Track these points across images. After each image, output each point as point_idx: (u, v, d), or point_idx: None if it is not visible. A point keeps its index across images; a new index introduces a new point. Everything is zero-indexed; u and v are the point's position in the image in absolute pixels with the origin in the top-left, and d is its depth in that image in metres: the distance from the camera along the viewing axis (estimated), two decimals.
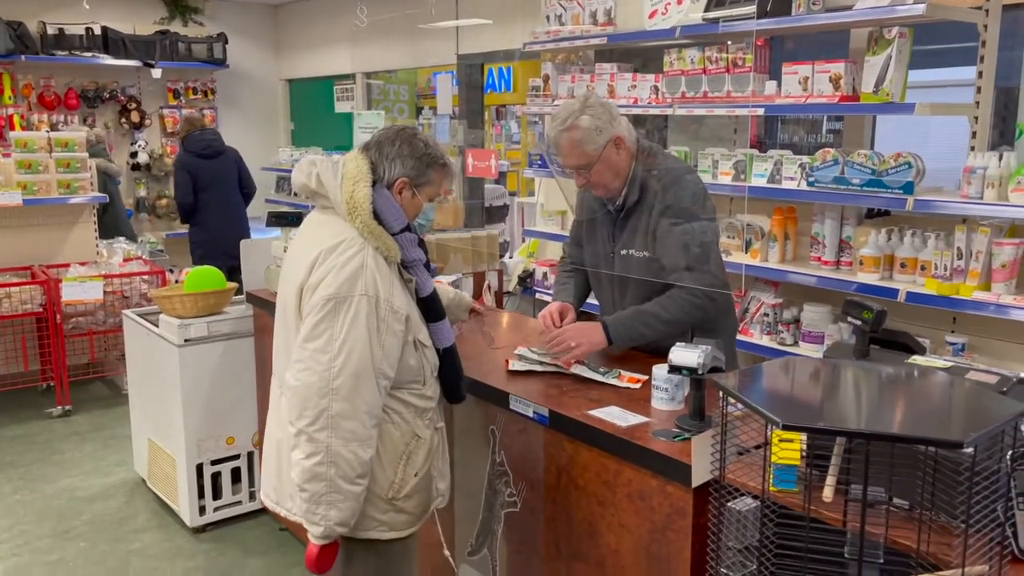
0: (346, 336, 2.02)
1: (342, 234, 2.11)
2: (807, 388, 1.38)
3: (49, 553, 3.76)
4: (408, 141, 2.20)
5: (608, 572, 2.26)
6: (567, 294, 3.00)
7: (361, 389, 2.03)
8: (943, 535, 1.59)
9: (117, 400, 5.72)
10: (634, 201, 2.70)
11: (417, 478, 2.22)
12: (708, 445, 1.70)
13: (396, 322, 2.10)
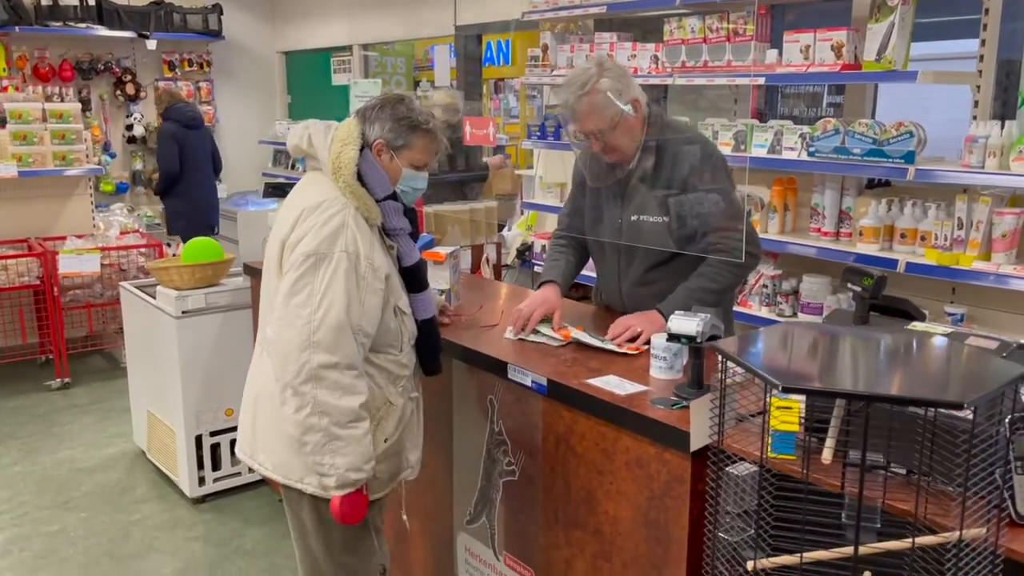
0: (325, 290, 2.05)
1: (326, 193, 2.14)
2: (807, 352, 1.38)
3: (49, 524, 3.78)
4: (392, 105, 2.22)
5: (606, 539, 2.27)
6: (556, 271, 2.91)
7: (341, 342, 2.05)
8: (941, 500, 1.60)
9: (116, 373, 5.73)
10: (648, 166, 2.66)
11: (387, 444, 2.24)
12: (707, 410, 1.70)
13: (376, 280, 2.12)
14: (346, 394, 2.07)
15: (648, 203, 2.69)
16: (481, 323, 2.89)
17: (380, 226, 2.21)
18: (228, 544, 3.61)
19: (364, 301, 2.10)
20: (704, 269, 2.63)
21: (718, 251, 2.60)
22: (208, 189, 6.73)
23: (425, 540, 2.99)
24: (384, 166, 2.22)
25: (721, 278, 2.62)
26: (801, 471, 1.74)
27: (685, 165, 2.64)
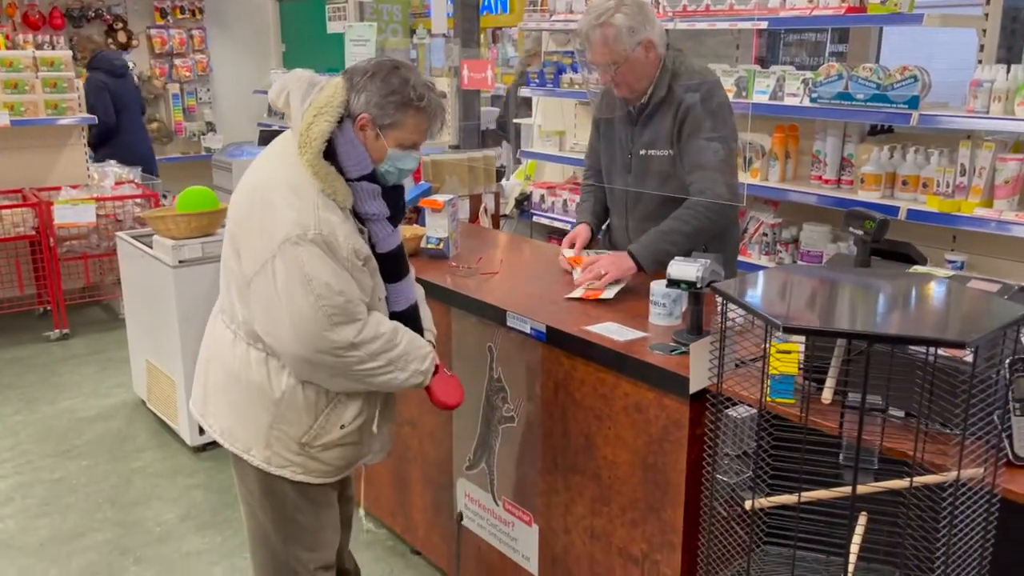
0: (314, 275, 1.89)
1: (297, 170, 1.94)
2: (807, 294, 1.37)
3: (51, 471, 3.81)
4: (386, 75, 1.94)
5: (604, 483, 2.28)
6: (586, 212, 3.04)
7: (353, 311, 1.94)
8: (938, 443, 1.60)
9: (114, 324, 5.73)
10: (658, 102, 2.68)
11: (343, 431, 2.09)
12: (706, 353, 1.69)
13: (355, 257, 1.95)
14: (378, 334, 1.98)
15: (658, 138, 2.72)
16: (481, 271, 2.88)
17: (352, 209, 2.00)
18: (229, 491, 3.64)
19: (356, 278, 1.96)
20: (680, 212, 2.65)
21: (698, 193, 2.62)
22: (141, 138, 6.69)
23: (425, 486, 3.02)
24: (367, 143, 1.97)
25: (695, 221, 2.63)
26: (799, 415, 1.75)
27: (689, 106, 2.65)
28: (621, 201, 2.91)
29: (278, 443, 2.06)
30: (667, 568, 2.14)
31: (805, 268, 1.43)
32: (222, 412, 2.13)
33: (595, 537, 2.34)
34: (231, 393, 2.10)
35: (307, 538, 2.20)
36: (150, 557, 3.17)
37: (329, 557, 2.28)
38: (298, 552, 2.20)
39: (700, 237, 2.65)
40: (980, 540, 1.41)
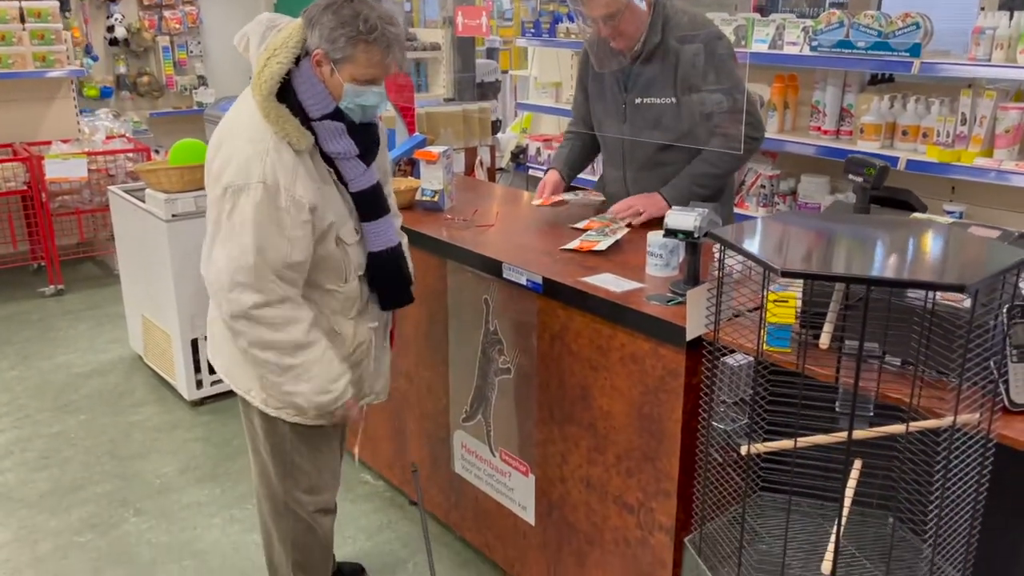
0: (243, 227, 1.89)
1: (253, 116, 1.93)
2: (806, 239, 1.35)
3: (50, 425, 3.82)
4: (337, 8, 1.89)
5: (600, 433, 2.29)
6: (559, 159, 3.04)
7: (265, 280, 1.91)
8: (935, 390, 1.60)
9: (109, 280, 5.71)
10: (652, 48, 2.65)
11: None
12: (703, 300, 1.68)
13: (300, 212, 1.92)
14: (285, 326, 1.95)
15: (654, 85, 2.69)
16: (476, 224, 2.86)
17: (319, 150, 1.98)
18: (228, 444, 3.66)
19: (290, 236, 1.92)
20: (707, 154, 2.66)
21: (720, 137, 2.60)
22: None
23: (422, 438, 3.03)
24: (324, 80, 1.93)
25: (723, 163, 2.65)
26: (796, 363, 1.75)
27: (692, 49, 2.62)
28: (617, 151, 2.88)
29: (271, 387, 2.08)
30: (662, 516, 2.16)
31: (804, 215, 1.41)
32: (223, 353, 2.19)
33: (591, 486, 2.36)
34: (227, 336, 2.12)
35: (305, 480, 2.24)
36: (150, 509, 3.20)
37: (328, 501, 2.33)
38: (297, 493, 2.25)
39: (728, 177, 2.70)
40: (974, 486, 1.42)
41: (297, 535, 2.30)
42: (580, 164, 3.06)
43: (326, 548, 2.38)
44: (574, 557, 2.47)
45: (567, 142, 3.07)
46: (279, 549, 2.32)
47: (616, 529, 2.31)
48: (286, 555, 2.32)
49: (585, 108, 2.97)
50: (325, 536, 2.36)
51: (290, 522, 2.28)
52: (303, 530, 2.30)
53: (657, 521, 2.18)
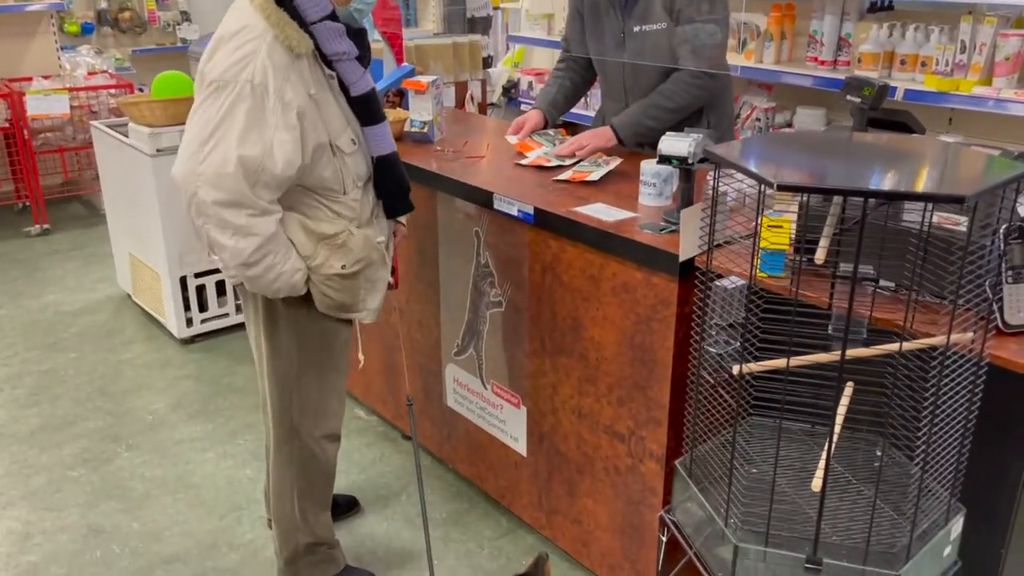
0: (220, 121, 1.85)
1: (246, 19, 1.90)
2: (803, 156, 1.32)
3: (40, 363, 3.80)
4: None
5: (591, 364, 2.29)
6: (544, 99, 2.96)
7: (228, 180, 1.84)
8: (929, 313, 1.59)
9: (95, 220, 5.64)
10: None
11: (344, 270, 2.07)
12: (697, 219, 1.66)
13: (288, 115, 1.87)
14: (237, 235, 1.89)
15: (650, 11, 2.63)
16: (466, 155, 2.81)
17: (316, 53, 1.94)
18: (219, 381, 3.66)
19: (271, 139, 1.86)
20: (664, 86, 2.63)
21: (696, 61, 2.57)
22: None
23: (414, 372, 3.03)
24: None
25: (678, 97, 2.61)
26: (790, 289, 1.73)
27: None
28: (617, 83, 2.82)
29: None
30: (653, 444, 2.17)
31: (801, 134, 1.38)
32: None
33: (582, 416, 2.36)
34: None
35: (311, 405, 2.23)
36: (142, 444, 3.20)
37: (335, 427, 2.32)
38: (303, 418, 2.24)
39: (682, 113, 2.64)
40: (965, 407, 1.41)
41: (303, 461, 2.29)
42: (566, 103, 2.98)
43: (330, 476, 2.38)
44: (565, 486, 2.49)
45: (554, 81, 2.98)
46: (285, 476, 2.31)
47: (607, 458, 2.32)
48: (291, 481, 2.31)
49: (580, 36, 2.89)
50: (329, 463, 2.35)
51: (296, 447, 2.27)
52: (309, 456, 2.29)
53: (648, 449, 2.19)
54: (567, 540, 2.55)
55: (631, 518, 2.30)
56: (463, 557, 2.61)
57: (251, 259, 1.93)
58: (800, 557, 1.33)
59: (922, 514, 1.37)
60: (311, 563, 2.40)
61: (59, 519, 2.79)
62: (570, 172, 2.55)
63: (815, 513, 1.39)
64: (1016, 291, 1.52)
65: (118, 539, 2.69)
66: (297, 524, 2.34)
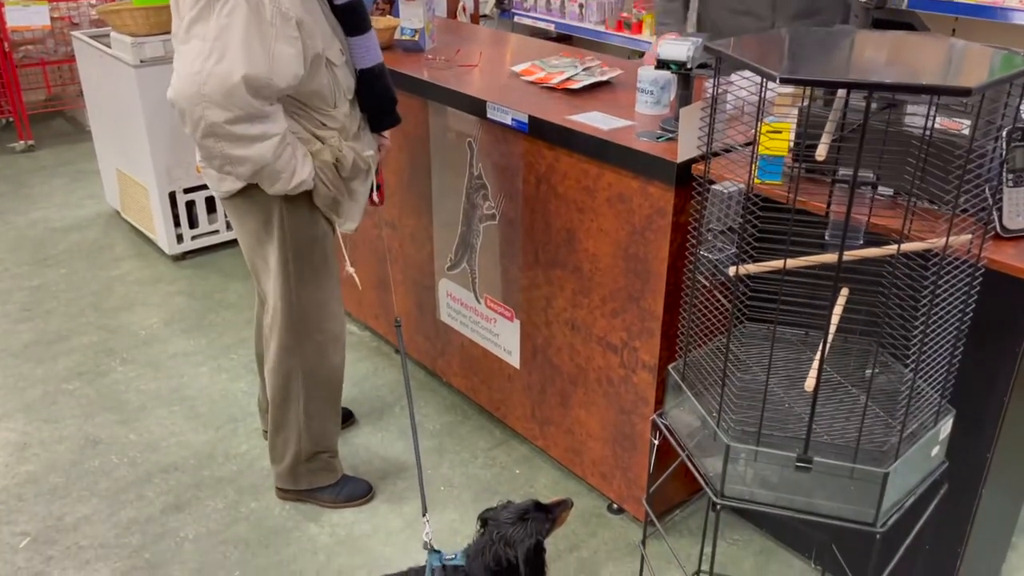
0: (218, 36, 1.79)
1: None
2: (807, 51, 1.29)
3: (30, 279, 3.78)
4: None
5: (585, 275, 2.28)
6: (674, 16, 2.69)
7: (236, 98, 1.81)
8: (927, 220, 1.58)
9: (81, 136, 5.54)
10: None
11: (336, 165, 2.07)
12: (696, 117, 1.63)
13: (287, 26, 1.82)
14: (254, 143, 1.87)
15: None
16: (459, 64, 2.75)
17: None
18: (211, 297, 3.65)
19: (272, 51, 1.81)
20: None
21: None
22: None
23: (407, 288, 3.02)
24: None
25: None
26: (787, 196, 1.71)
27: None
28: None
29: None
30: (645, 354, 2.18)
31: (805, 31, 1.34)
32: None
33: (575, 328, 2.37)
34: None
35: (315, 307, 2.22)
36: (136, 358, 3.21)
37: (339, 330, 2.31)
38: (310, 322, 2.23)
39: None
40: (960, 311, 1.41)
41: (311, 366, 2.28)
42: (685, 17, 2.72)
43: (336, 383, 2.38)
44: (558, 397, 2.51)
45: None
46: (292, 383, 2.30)
47: (599, 369, 2.34)
48: (299, 388, 2.31)
49: None
50: (336, 369, 2.34)
51: (303, 352, 2.26)
52: (316, 360, 2.28)
53: (640, 359, 2.20)
54: (559, 450, 2.59)
55: (623, 427, 2.33)
56: (457, 466, 2.66)
57: (273, 159, 1.92)
58: (791, 456, 1.35)
59: (912, 415, 1.38)
60: (310, 470, 2.44)
61: (56, 430, 2.81)
62: (562, 78, 2.49)
63: (807, 415, 1.40)
64: (1016, 195, 1.50)
65: (116, 449, 2.72)
66: (300, 432, 2.36)
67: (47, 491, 2.54)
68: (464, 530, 2.40)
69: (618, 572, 2.27)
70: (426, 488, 2.54)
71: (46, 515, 2.45)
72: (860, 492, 1.35)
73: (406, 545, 2.35)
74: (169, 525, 2.42)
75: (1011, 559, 2.30)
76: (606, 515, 2.47)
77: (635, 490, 2.36)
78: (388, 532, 2.40)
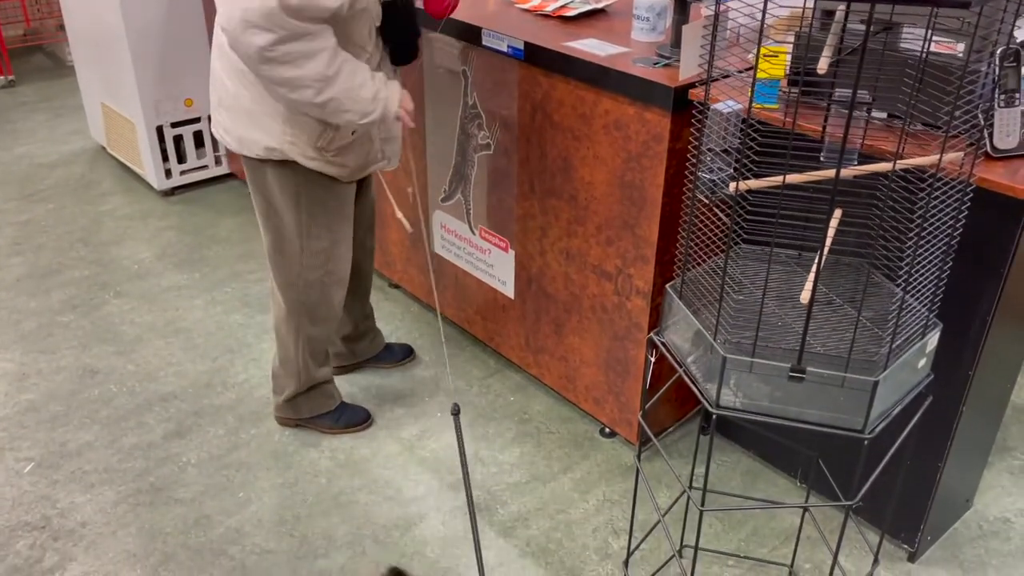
0: None
1: None
2: None
3: (18, 214, 3.76)
4: None
5: (581, 205, 2.31)
6: None
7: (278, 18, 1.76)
8: (920, 142, 1.62)
9: (62, 72, 5.44)
10: None
11: (355, 135, 2.10)
12: (698, 35, 1.64)
13: None
14: (304, 61, 1.84)
15: None
16: None
17: None
18: (202, 232, 3.65)
19: None
20: None
21: None
22: None
23: (399, 221, 3.03)
24: None
25: None
26: (783, 120, 1.74)
27: None
28: None
29: (293, 148, 2.06)
30: (639, 281, 2.22)
31: None
32: (239, 121, 2.07)
33: (570, 257, 2.41)
34: (243, 99, 2.03)
35: (322, 252, 2.24)
36: (130, 291, 3.22)
37: (343, 271, 2.33)
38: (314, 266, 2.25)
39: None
40: (949, 229, 1.46)
41: (312, 305, 2.31)
42: None
43: (335, 320, 2.40)
44: (552, 326, 2.56)
45: None
46: (291, 321, 2.33)
47: (594, 296, 2.38)
48: (296, 327, 2.34)
49: None
50: (335, 308, 2.37)
51: (304, 294, 2.29)
52: (317, 299, 2.31)
53: (634, 286, 2.24)
54: (553, 377, 2.65)
55: (616, 353, 2.38)
56: (453, 395, 2.71)
57: (330, 71, 1.87)
58: (784, 367, 1.40)
59: (901, 329, 1.43)
60: (309, 398, 2.49)
61: (53, 360, 2.84)
62: (553, 7, 2.49)
63: (800, 329, 1.45)
64: (1007, 115, 1.54)
65: (114, 379, 2.75)
66: (299, 367, 2.41)
67: (48, 419, 2.58)
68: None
69: (611, 491, 2.35)
70: (422, 416, 2.61)
71: (48, 441, 2.49)
72: (850, 401, 1.41)
73: (405, 467, 2.42)
74: (171, 450, 2.47)
75: (987, 477, 2.40)
76: (598, 438, 2.54)
77: (627, 414, 2.43)
78: (387, 455, 2.46)
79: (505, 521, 2.25)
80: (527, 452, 2.48)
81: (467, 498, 2.07)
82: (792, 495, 2.33)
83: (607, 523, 2.24)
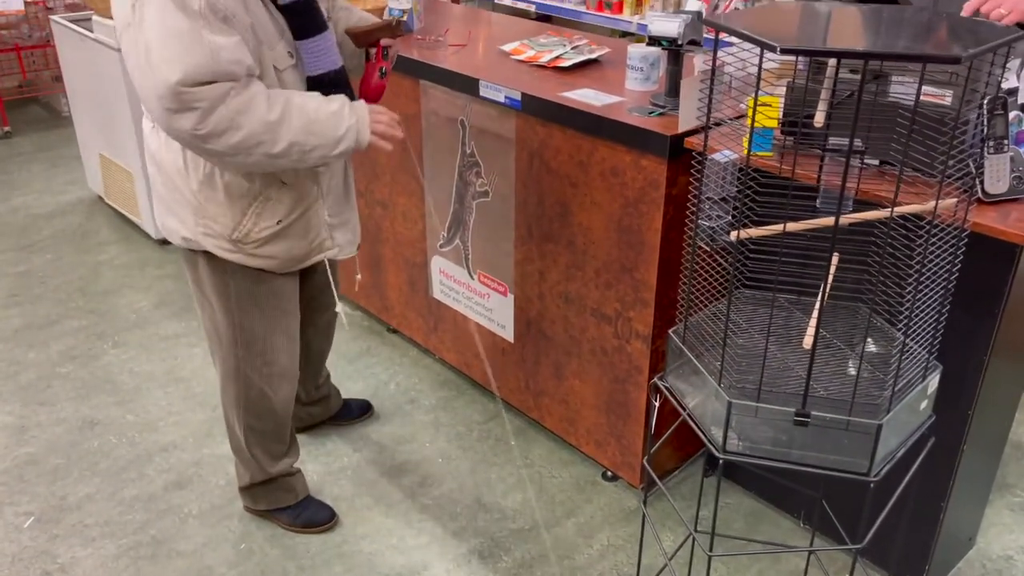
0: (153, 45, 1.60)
1: None
2: (801, 23, 1.34)
3: (15, 265, 3.77)
4: None
5: (579, 249, 2.34)
6: None
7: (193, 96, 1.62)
8: (914, 187, 1.65)
9: (58, 122, 5.49)
10: None
11: (280, 226, 1.92)
12: (696, 88, 1.68)
13: (211, 12, 1.62)
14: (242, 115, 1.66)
15: None
16: (449, 43, 2.78)
17: None
18: None
19: (213, 45, 1.62)
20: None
21: None
22: None
23: (399, 265, 3.06)
24: None
25: None
26: (778, 166, 1.78)
27: None
28: None
29: (207, 240, 1.91)
30: (639, 324, 2.24)
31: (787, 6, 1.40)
32: (159, 207, 1.98)
33: (569, 301, 2.43)
34: (157, 183, 1.94)
35: (258, 344, 2.09)
36: (128, 341, 3.23)
37: (286, 367, 2.16)
38: (249, 356, 2.10)
39: None
40: (946, 273, 1.49)
41: (251, 400, 2.16)
42: None
43: (282, 416, 2.24)
44: (551, 368, 2.57)
45: None
46: (231, 415, 2.22)
47: (593, 340, 2.40)
48: (238, 420, 2.21)
49: None
50: (279, 404, 2.20)
51: (242, 387, 2.14)
52: (257, 396, 2.15)
53: (634, 329, 2.27)
54: (553, 420, 2.66)
55: (617, 396, 2.39)
56: (453, 440, 2.71)
57: (272, 116, 1.70)
58: (789, 411, 1.42)
59: (903, 372, 1.45)
60: (267, 490, 2.35)
61: (53, 412, 2.83)
62: (547, 59, 2.54)
63: (802, 373, 1.47)
64: (996, 161, 1.58)
65: (113, 430, 2.74)
66: (248, 459, 2.28)
67: (48, 472, 2.57)
68: (463, 499, 2.46)
69: (615, 536, 2.34)
70: (423, 462, 2.61)
71: (48, 495, 2.48)
72: (854, 444, 1.43)
73: (407, 515, 2.41)
74: (172, 502, 2.45)
75: (988, 514, 2.41)
76: (601, 482, 2.54)
77: (629, 457, 2.44)
78: (389, 503, 2.46)
79: (510, 568, 2.24)
80: (529, 497, 2.48)
81: None
82: (796, 536, 2.33)
83: (612, 568, 2.24)
